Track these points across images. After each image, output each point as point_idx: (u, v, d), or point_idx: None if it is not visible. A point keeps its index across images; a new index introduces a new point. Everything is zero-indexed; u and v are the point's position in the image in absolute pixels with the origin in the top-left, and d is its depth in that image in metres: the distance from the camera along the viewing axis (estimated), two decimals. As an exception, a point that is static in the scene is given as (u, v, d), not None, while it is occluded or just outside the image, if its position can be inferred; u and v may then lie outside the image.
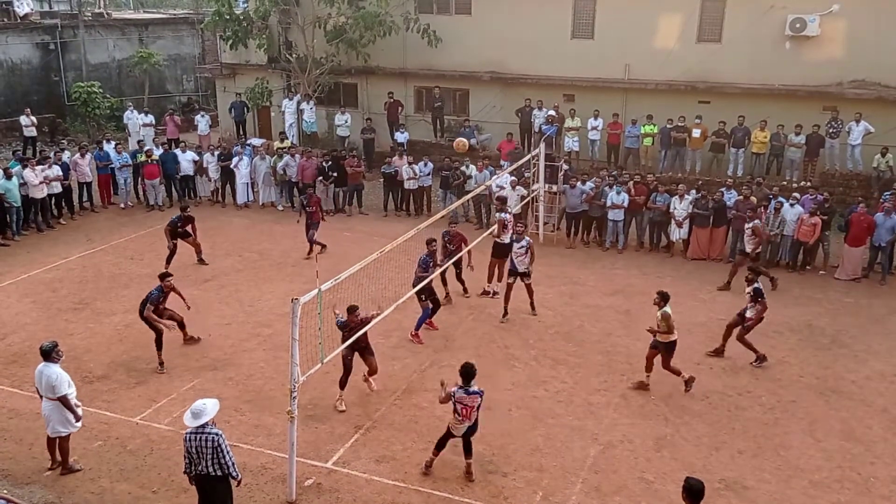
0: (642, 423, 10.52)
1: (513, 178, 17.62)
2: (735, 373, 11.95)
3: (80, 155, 19.68)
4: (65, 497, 9.00)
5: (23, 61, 28.86)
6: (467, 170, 19.30)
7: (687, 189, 17.08)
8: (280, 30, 25.52)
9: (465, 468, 9.31)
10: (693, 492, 6.73)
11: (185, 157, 20.62)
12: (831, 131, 19.23)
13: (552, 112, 21.43)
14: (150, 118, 24.88)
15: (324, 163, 20.03)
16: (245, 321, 13.65)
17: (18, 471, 9.43)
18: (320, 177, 19.91)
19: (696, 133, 20.34)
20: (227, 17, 24.00)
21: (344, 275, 9.23)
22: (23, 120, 24.17)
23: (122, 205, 20.42)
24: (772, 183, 18.13)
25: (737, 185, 17.71)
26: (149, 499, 8.96)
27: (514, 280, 13.66)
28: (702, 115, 20.41)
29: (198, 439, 7.66)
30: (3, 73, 28.25)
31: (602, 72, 21.80)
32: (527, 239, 13.63)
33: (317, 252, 16.22)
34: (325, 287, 8.95)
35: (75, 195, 19.73)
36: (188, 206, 16.59)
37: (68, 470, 9.35)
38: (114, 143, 21.28)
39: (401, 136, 22.99)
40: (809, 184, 18.27)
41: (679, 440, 10.16)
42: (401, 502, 8.91)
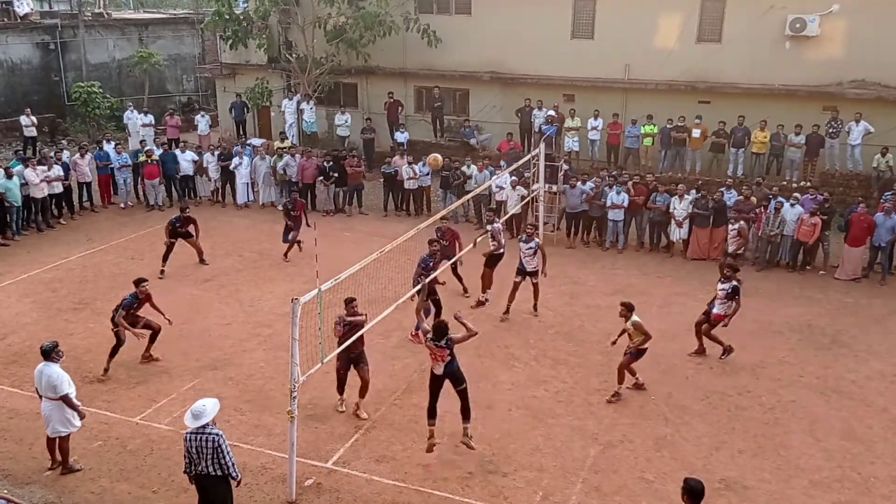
0: (642, 423, 10.52)
1: (513, 178, 17.63)
2: (735, 373, 11.93)
3: (80, 155, 19.69)
4: (65, 497, 9.00)
5: (23, 61, 28.85)
6: (468, 170, 19.30)
7: (687, 189, 17.07)
8: (280, 30, 25.51)
9: (462, 432, 9.44)
10: (693, 492, 6.72)
11: (184, 157, 20.63)
12: (831, 131, 19.21)
13: (552, 112, 21.41)
14: (150, 118, 24.87)
15: (324, 163, 20.03)
16: (245, 321, 13.66)
17: (18, 471, 9.44)
18: (321, 177, 19.92)
19: (696, 133, 20.32)
20: (227, 17, 23.99)
21: (344, 275, 9.22)
22: (23, 120, 24.16)
23: (122, 205, 20.43)
24: (772, 183, 18.11)
25: (737, 184, 17.73)
26: (149, 499, 8.96)
27: (520, 279, 13.63)
28: (702, 115, 20.40)
29: (198, 439, 7.67)
30: (3, 73, 28.24)
31: (602, 72, 21.78)
32: (536, 240, 13.65)
33: (288, 249, 16.44)
34: (325, 287, 8.95)
35: (75, 195, 19.73)
36: (188, 207, 16.58)
37: (68, 470, 9.35)
38: (114, 143, 21.30)
39: (401, 136, 22.98)
40: (809, 184, 18.27)
41: (679, 440, 10.16)
42: (401, 502, 8.91)
